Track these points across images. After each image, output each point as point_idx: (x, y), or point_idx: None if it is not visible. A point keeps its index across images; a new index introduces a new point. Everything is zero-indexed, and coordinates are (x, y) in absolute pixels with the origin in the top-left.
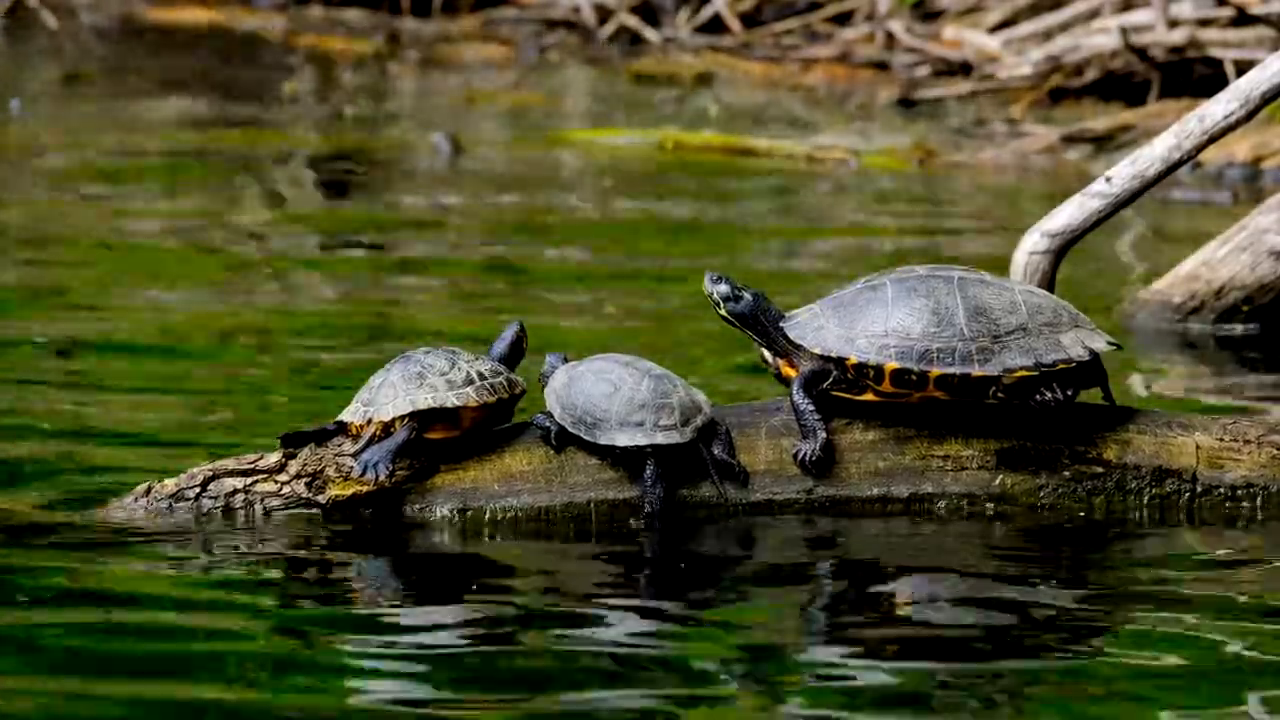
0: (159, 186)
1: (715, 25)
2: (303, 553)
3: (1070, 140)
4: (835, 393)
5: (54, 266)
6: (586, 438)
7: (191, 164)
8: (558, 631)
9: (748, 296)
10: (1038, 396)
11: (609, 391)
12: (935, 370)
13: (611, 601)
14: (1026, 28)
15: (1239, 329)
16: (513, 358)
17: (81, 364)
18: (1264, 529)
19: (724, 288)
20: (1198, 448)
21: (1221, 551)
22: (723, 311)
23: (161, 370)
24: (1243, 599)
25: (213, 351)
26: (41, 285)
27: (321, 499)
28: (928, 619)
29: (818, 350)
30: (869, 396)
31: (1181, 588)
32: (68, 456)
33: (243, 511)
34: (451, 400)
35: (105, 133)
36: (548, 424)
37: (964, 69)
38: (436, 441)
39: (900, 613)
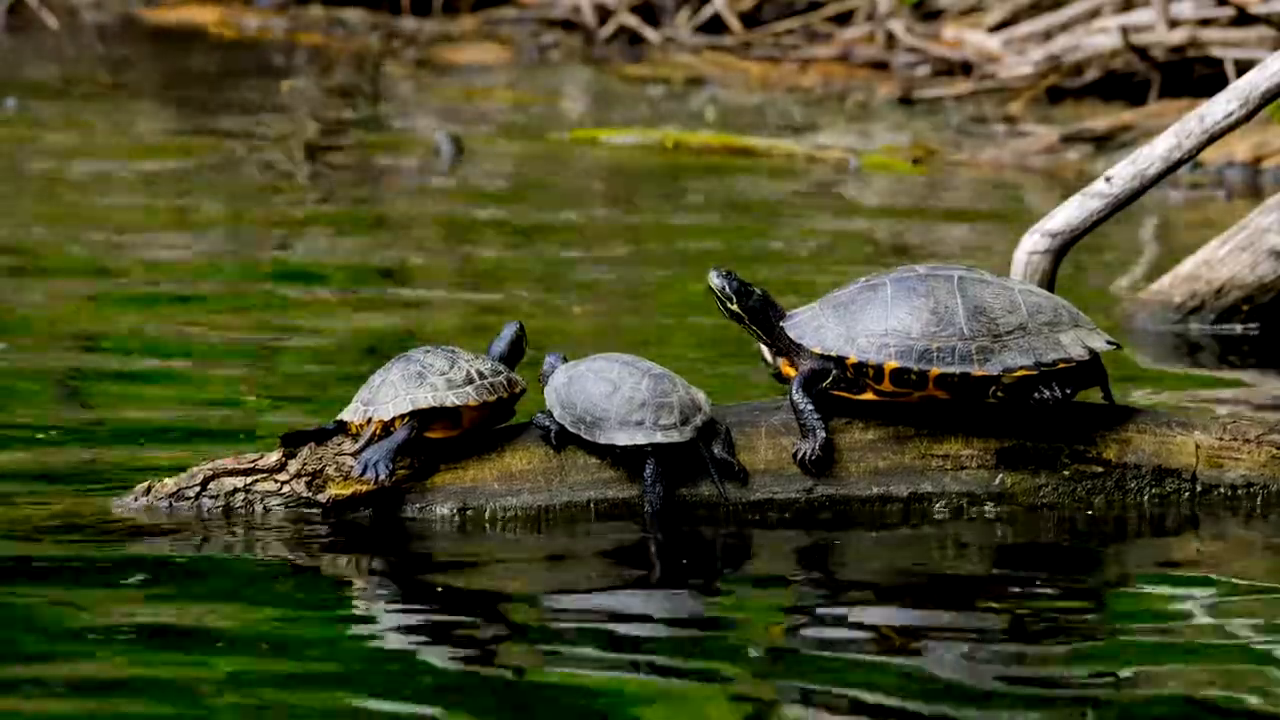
0: (158, 187)
1: (715, 25)
2: (302, 553)
3: (1070, 140)
4: (835, 392)
5: (53, 265)
6: (586, 437)
7: (190, 164)
8: (557, 630)
9: (752, 293)
10: (1036, 395)
11: (608, 391)
12: (935, 369)
13: (611, 600)
14: (1026, 28)
15: (1239, 329)
16: (512, 357)
17: (81, 363)
18: (1264, 528)
19: (728, 284)
20: (1198, 447)
21: (1221, 551)
22: (729, 308)
23: (162, 371)
24: (1243, 598)
25: (213, 351)
26: (40, 284)
27: (321, 498)
28: (926, 619)
29: (818, 349)
30: (869, 396)
31: (1181, 587)
32: (67, 456)
33: (243, 511)
34: (451, 399)
35: (103, 133)
36: (548, 423)
37: (964, 69)
38: (436, 440)
39: (899, 613)
